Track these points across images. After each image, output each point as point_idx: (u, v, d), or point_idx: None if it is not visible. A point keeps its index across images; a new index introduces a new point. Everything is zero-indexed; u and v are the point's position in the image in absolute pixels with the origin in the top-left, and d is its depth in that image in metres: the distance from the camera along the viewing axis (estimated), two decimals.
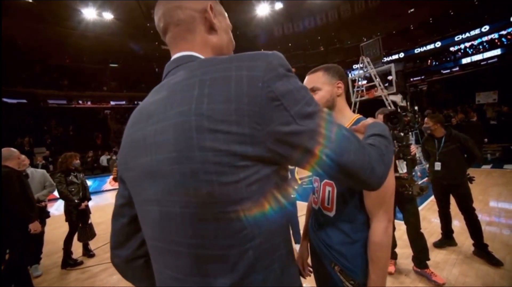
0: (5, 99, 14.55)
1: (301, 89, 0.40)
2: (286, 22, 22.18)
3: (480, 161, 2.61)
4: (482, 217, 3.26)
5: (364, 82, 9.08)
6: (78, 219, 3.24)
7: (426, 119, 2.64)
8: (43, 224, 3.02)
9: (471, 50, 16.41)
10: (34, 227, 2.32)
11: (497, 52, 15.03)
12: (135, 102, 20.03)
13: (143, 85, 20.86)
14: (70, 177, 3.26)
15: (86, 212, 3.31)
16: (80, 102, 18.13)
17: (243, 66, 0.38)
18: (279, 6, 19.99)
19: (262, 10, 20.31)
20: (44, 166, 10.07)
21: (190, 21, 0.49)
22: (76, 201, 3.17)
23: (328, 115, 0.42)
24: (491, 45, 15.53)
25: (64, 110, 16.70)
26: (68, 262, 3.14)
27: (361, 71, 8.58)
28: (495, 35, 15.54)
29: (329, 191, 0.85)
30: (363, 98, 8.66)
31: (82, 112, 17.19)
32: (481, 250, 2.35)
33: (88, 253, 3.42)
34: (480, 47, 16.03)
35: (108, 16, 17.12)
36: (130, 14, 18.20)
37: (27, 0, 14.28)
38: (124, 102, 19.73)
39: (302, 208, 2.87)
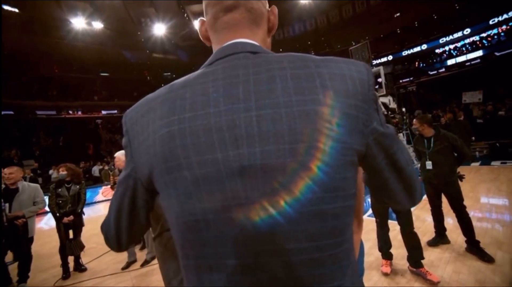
0: None
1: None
2: (276, 29, 22.59)
3: (469, 159, 2.69)
4: (473, 213, 3.34)
5: None
6: (64, 233, 3.16)
7: (414, 120, 2.71)
8: (27, 240, 2.88)
9: (455, 52, 17.05)
10: None
11: (479, 53, 15.68)
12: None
13: (135, 94, 20.70)
14: (60, 189, 3.19)
15: (70, 226, 3.18)
16: (70, 112, 17.84)
17: (351, 68, 0.39)
18: None
19: None
20: (32, 179, 9.79)
21: (260, 14, 0.47)
22: (57, 214, 3.10)
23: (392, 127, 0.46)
24: (473, 47, 16.20)
25: (53, 120, 16.38)
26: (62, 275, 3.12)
27: None
28: (477, 38, 16.22)
29: None
30: None
31: (73, 122, 16.90)
32: (473, 247, 2.39)
33: (79, 267, 3.32)
34: (463, 49, 16.69)
35: (98, 25, 17.05)
36: (120, 23, 18.18)
37: (13, 10, 14.10)
38: (115, 111, 19.51)
39: None
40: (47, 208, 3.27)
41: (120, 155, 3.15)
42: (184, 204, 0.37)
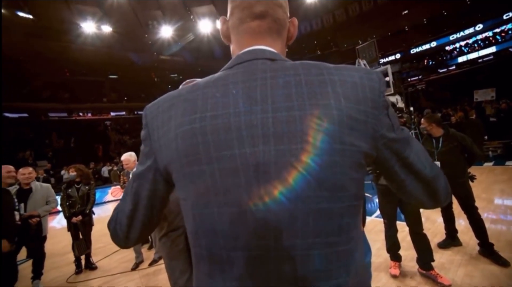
0: (6, 114, 14.71)
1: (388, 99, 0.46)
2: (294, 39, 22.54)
3: (480, 160, 2.61)
4: (486, 215, 3.23)
5: None
6: (74, 232, 3.25)
7: (422, 119, 2.65)
8: (40, 239, 2.97)
9: (467, 48, 16.57)
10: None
11: (493, 49, 15.18)
12: (135, 113, 20.19)
13: (143, 96, 21.06)
14: (70, 190, 3.28)
15: (78, 226, 3.25)
16: (81, 114, 18.30)
17: (363, 76, 0.41)
18: None
19: None
20: (45, 179, 10.09)
21: (283, 25, 0.50)
22: (67, 214, 3.21)
23: (407, 130, 0.47)
24: (486, 43, 15.69)
25: (65, 122, 16.86)
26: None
27: None
28: (489, 33, 15.71)
29: None
30: None
31: (83, 124, 17.35)
32: (487, 250, 2.31)
33: (90, 266, 3.40)
34: (475, 45, 16.19)
35: (106, 29, 17.44)
36: (128, 27, 18.53)
37: (26, 16, 14.59)
38: (124, 113, 19.90)
39: None
40: (59, 208, 3.36)
41: (128, 157, 3.21)
42: (201, 196, 0.39)
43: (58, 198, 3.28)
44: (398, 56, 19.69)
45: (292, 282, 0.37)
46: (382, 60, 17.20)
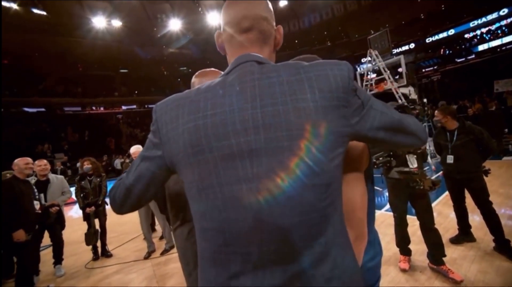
0: (25, 109, 15.33)
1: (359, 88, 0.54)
2: (291, 19, 22.01)
3: (495, 154, 2.50)
4: (504, 211, 3.11)
5: (373, 75, 8.87)
6: (89, 221, 3.41)
7: (436, 111, 2.54)
8: (60, 227, 3.15)
9: (488, 35, 15.61)
10: (16, 236, 2.35)
11: None
12: (146, 106, 20.54)
13: (153, 89, 21.34)
14: (83, 182, 3.42)
15: (90, 216, 3.39)
16: (93, 108, 18.80)
17: (333, 67, 0.49)
18: (283, 3, 19.84)
19: None
20: (62, 172, 10.54)
21: (268, 35, 0.58)
22: (81, 205, 3.36)
23: (374, 98, 0.56)
24: (510, 29, 14.69)
25: (79, 116, 17.40)
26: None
27: (369, 65, 8.38)
28: None
29: None
30: (372, 92, 8.45)
31: (96, 118, 17.84)
32: (502, 246, 2.24)
33: (106, 253, 3.57)
34: (499, 31, 15.19)
35: (116, 23, 17.62)
36: (137, 21, 18.65)
37: (40, 13, 14.94)
38: (135, 107, 20.28)
39: None
40: (75, 198, 3.53)
41: (136, 149, 3.31)
42: (205, 180, 0.47)
43: (73, 189, 3.43)
44: (412, 45, 18.86)
45: (281, 250, 0.45)
46: (395, 51, 16.55)
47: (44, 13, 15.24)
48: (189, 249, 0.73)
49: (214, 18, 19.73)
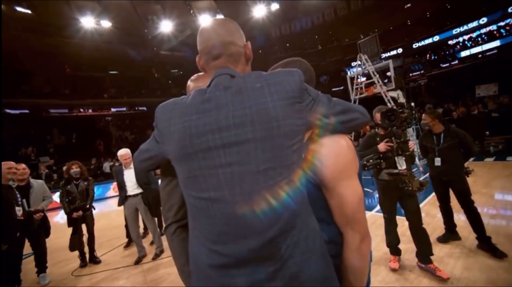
0: (7, 110, 14.72)
1: (309, 88, 0.67)
2: (283, 23, 22.27)
3: (475, 156, 2.64)
4: (486, 210, 3.25)
5: (363, 79, 9.07)
6: (76, 227, 3.29)
7: (424, 115, 2.64)
8: (45, 234, 3.03)
9: (470, 42, 16.34)
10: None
11: (496, 43, 14.97)
12: (136, 108, 20.15)
13: (143, 91, 20.98)
14: (69, 186, 3.32)
15: (77, 222, 3.29)
16: (82, 110, 18.27)
17: (287, 75, 0.63)
18: (275, 7, 20.06)
19: (258, 12, 20.38)
20: (47, 175, 10.17)
21: (237, 55, 0.68)
22: (67, 210, 3.24)
23: (322, 94, 0.69)
24: (490, 37, 15.46)
25: (66, 118, 16.85)
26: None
27: (359, 69, 8.59)
28: (494, 27, 15.46)
29: None
30: (362, 95, 8.65)
31: (84, 120, 17.33)
32: (485, 243, 2.34)
33: (94, 260, 3.46)
34: (479, 39, 15.94)
35: (106, 24, 17.30)
36: (128, 22, 18.37)
37: (25, 11, 14.47)
38: (124, 109, 19.84)
39: None
40: (58, 202, 3.41)
41: (125, 152, 3.26)
42: (190, 167, 0.61)
43: (56, 194, 3.32)
44: (400, 50, 19.45)
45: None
46: (383, 55, 17.03)
47: (29, 11, 14.77)
48: (178, 245, 0.76)
49: (206, 20, 19.73)
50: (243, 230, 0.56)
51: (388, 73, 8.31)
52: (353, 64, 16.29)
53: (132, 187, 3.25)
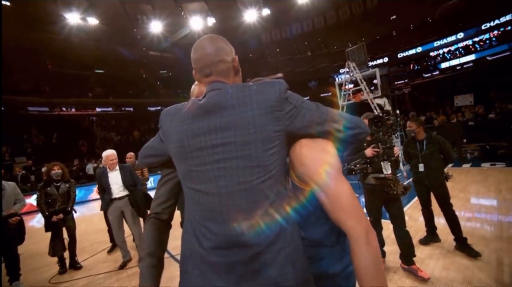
0: None
1: (293, 94, 0.73)
2: (274, 28, 22.61)
3: (453, 162, 2.81)
4: (463, 213, 3.44)
5: (351, 86, 9.36)
6: (55, 231, 3.14)
7: (409, 122, 2.76)
8: (19, 240, 2.85)
9: (449, 55, 17.35)
10: None
11: (472, 57, 16.00)
12: (123, 109, 19.59)
13: (131, 92, 20.46)
14: (49, 188, 3.17)
15: (58, 225, 3.16)
16: (64, 109, 17.49)
17: (268, 85, 0.70)
18: (266, 12, 20.37)
19: (250, 17, 20.60)
20: (23, 177, 9.63)
21: (226, 71, 0.77)
22: (46, 213, 3.09)
23: (308, 101, 0.75)
24: (466, 50, 16.51)
25: (46, 117, 16.04)
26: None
27: (347, 76, 8.86)
28: (469, 42, 16.54)
29: None
30: (350, 101, 8.92)
31: (66, 119, 16.59)
32: (461, 244, 2.49)
33: (75, 265, 3.30)
34: (457, 52, 16.98)
35: (93, 21, 16.82)
36: (116, 20, 17.96)
37: (5, 4, 13.79)
38: (110, 109, 19.21)
39: None
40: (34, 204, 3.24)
41: (111, 153, 3.18)
42: (187, 164, 0.71)
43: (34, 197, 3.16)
44: (386, 59, 20.28)
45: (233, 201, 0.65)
46: (370, 63, 17.66)
47: (8, 3, 14.08)
48: (147, 233, 0.80)
49: (197, 23, 19.64)
50: (226, 217, 0.65)
51: (375, 81, 8.64)
52: (342, 71, 16.77)
53: (118, 189, 3.15)
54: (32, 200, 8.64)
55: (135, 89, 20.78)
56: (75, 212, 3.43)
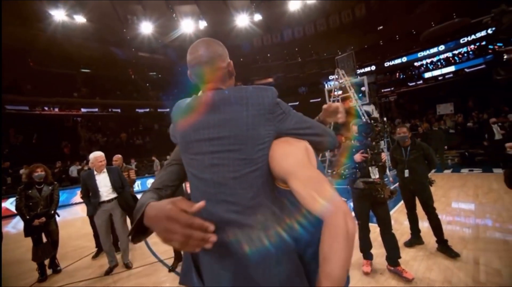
0: None
1: (282, 101, 0.80)
2: (265, 34, 22.92)
3: (436, 167, 2.95)
4: (445, 217, 3.60)
5: (340, 92, 9.63)
6: (37, 235, 3.02)
7: (401, 128, 2.86)
8: None
9: (432, 66, 18.27)
10: None
11: (452, 68, 16.95)
12: (110, 110, 19.05)
13: (119, 93, 19.96)
14: (30, 191, 3.04)
15: (41, 229, 3.05)
16: (46, 108, 16.76)
17: (261, 90, 0.78)
18: (258, 17, 20.64)
19: (242, 21, 20.79)
20: None
21: (223, 76, 0.84)
22: (27, 217, 2.96)
23: (294, 111, 0.83)
24: (447, 62, 17.47)
25: (26, 117, 15.28)
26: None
27: (336, 83, 9.12)
28: (450, 54, 17.53)
29: None
30: None
31: (48, 119, 15.88)
32: (443, 245, 2.62)
33: (55, 268, 3.17)
34: (439, 63, 17.93)
35: (80, 19, 16.37)
36: (105, 19, 17.57)
37: None
38: (96, 110, 18.62)
39: None
40: (14, 210, 3.08)
41: (99, 155, 3.11)
42: (189, 153, 0.80)
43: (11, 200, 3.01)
44: (373, 67, 21.03)
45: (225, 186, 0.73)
46: (358, 71, 18.25)
47: None
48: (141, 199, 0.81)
49: (188, 25, 19.56)
50: (218, 198, 0.74)
51: (363, 88, 8.94)
52: (331, 77, 17.21)
53: (107, 191, 3.06)
54: (7, 204, 8.18)
55: (123, 90, 20.30)
56: (58, 215, 3.30)
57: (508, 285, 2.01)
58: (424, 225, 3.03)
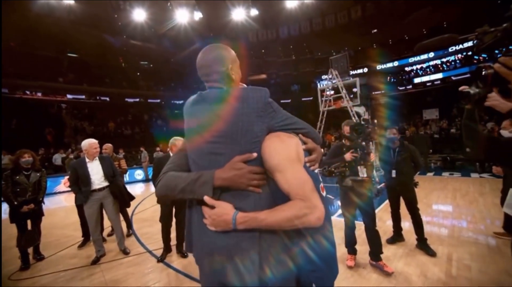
0: None
1: (273, 101, 0.88)
2: (260, 29, 22.76)
3: (421, 169, 3.09)
4: (425, 218, 3.80)
5: (332, 92, 9.80)
6: (23, 222, 2.96)
7: (393, 130, 2.97)
8: None
9: (421, 71, 18.87)
10: None
11: (440, 75, 17.58)
12: (97, 98, 18.42)
13: (108, 80, 19.30)
14: (18, 177, 2.96)
15: (28, 216, 3.00)
16: (28, 92, 15.96)
17: (255, 91, 0.86)
18: (254, 12, 20.45)
19: (238, 15, 20.54)
20: None
21: (224, 77, 0.93)
22: (15, 203, 2.90)
23: (282, 109, 0.91)
24: (436, 69, 18.09)
25: (4, 100, 14.47)
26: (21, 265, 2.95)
27: (329, 82, 9.25)
28: (438, 61, 18.16)
29: None
30: (330, 108, 9.32)
31: (30, 104, 15.13)
32: (422, 243, 2.78)
33: (37, 256, 3.12)
34: (428, 70, 18.54)
35: (69, 1, 15.60)
36: (96, 3, 16.82)
37: None
38: (83, 97, 17.95)
39: None
40: None
41: (93, 142, 3.05)
42: (192, 142, 0.91)
43: None
44: (365, 70, 21.44)
45: None
46: (351, 72, 18.57)
47: None
48: (162, 181, 0.92)
49: (183, 16, 19.10)
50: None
51: (355, 89, 9.13)
52: (324, 77, 17.42)
53: (99, 180, 3.01)
54: None
55: (113, 78, 19.65)
56: (44, 203, 3.22)
57: (476, 278, 2.19)
58: (405, 224, 3.20)
